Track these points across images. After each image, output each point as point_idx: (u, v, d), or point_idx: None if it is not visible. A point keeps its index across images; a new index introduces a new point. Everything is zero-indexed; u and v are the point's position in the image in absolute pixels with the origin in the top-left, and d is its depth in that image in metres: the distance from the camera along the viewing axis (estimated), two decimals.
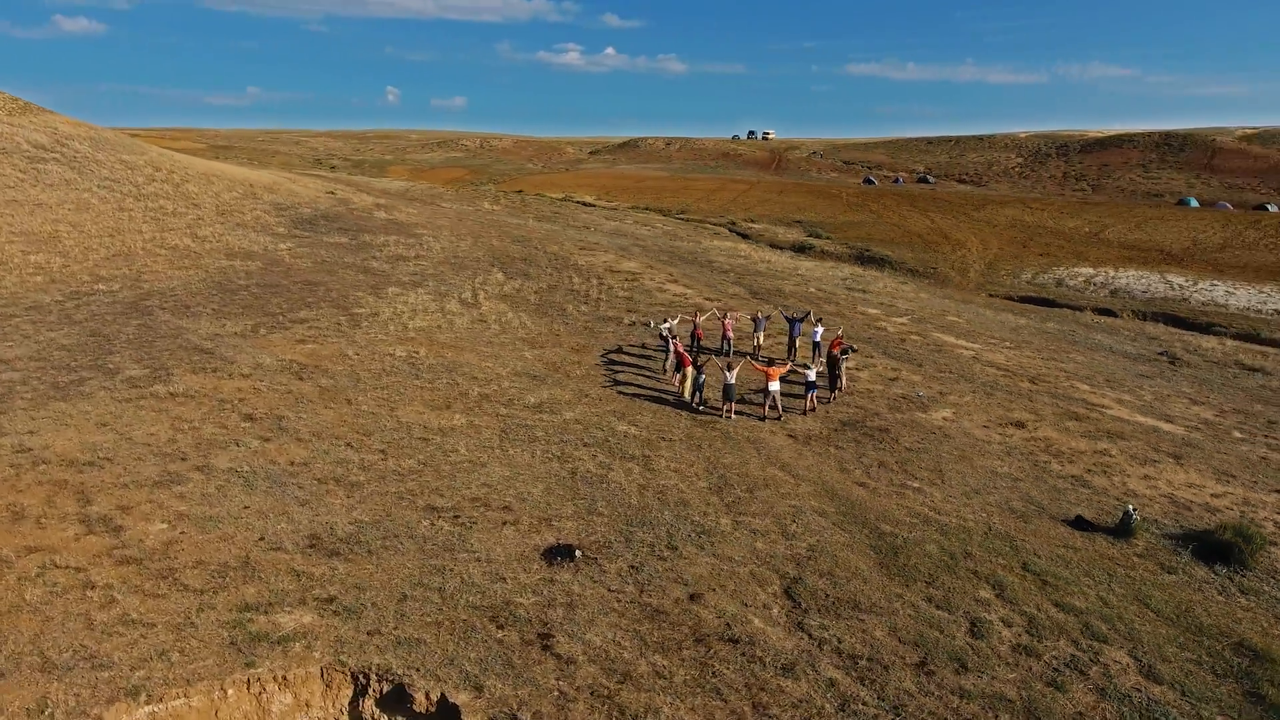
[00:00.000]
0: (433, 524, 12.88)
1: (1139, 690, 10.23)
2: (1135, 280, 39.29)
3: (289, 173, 74.77)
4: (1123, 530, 14.04)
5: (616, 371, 21.68)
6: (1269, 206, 74.36)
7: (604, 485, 14.78)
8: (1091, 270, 41.87)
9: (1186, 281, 38.62)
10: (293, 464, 14.51)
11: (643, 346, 24.20)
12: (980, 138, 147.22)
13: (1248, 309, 34.28)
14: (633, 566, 12.19)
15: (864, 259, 48.06)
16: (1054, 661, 10.68)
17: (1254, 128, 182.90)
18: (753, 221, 64.81)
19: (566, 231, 47.77)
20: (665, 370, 21.76)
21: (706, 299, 30.35)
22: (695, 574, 12.13)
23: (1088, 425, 19.13)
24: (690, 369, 19.74)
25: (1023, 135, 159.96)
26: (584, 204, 75.08)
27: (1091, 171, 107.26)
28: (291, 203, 44.71)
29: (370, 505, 13.29)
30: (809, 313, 23.95)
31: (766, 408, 18.66)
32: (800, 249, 51.61)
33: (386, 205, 50.48)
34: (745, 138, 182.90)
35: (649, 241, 46.17)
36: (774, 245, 53.45)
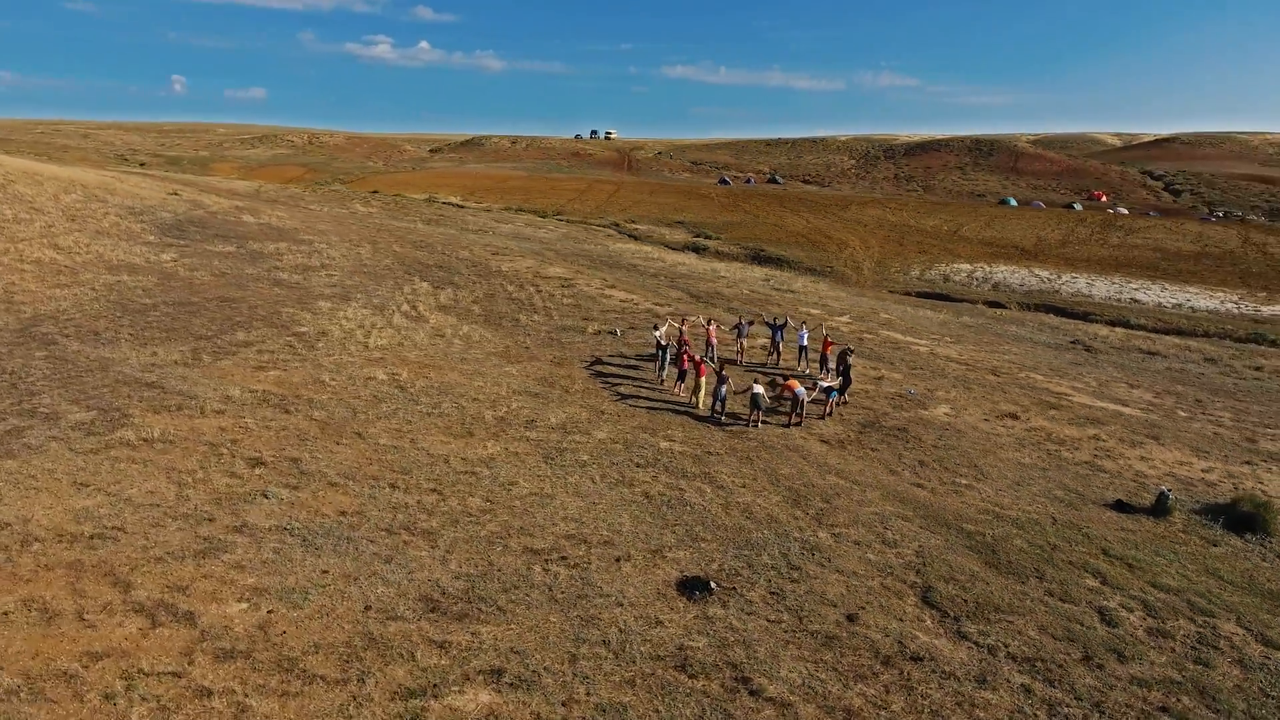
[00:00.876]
0: (545, 569, 11.64)
1: (1268, 658, 11.11)
2: (1010, 275, 43.41)
3: (110, 171, 65.75)
4: (1160, 510, 15.29)
5: (615, 384, 20.81)
6: (1075, 205, 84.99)
7: (687, 508, 14.08)
8: (969, 266, 45.75)
9: (1051, 275, 43.20)
10: (344, 514, 12.61)
11: (622, 356, 23.42)
12: (814, 140, 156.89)
13: (1109, 298, 38.90)
14: (773, 593, 11.65)
15: (760, 259, 49.57)
16: (1187, 640, 11.38)
17: (1035, 134, 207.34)
18: (634, 223, 65.00)
19: (464, 235, 45.50)
20: (662, 380, 21.17)
21: (656, 304, 29.95)
22: (835, 593, 11.80)
23: (1067, 413, 20.76)
24: (705, 379, 19.34)
25: (844, 138, 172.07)
26: (453, 205, 72.06)
27: (918, 173, 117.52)
28: (142, 206, 39.31)
29: (463, 555, 11.80)
30: (789, 319, 24.39)
31: (793, 415, 18.62)
32: (694, 250, 52.34)
33: (248, 208, 45.68)
34: (589, 137, 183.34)
35: (555, 245, 44.97)
36: (667, 246, 53.86)
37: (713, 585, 11.63)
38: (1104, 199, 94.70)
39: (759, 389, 18.35)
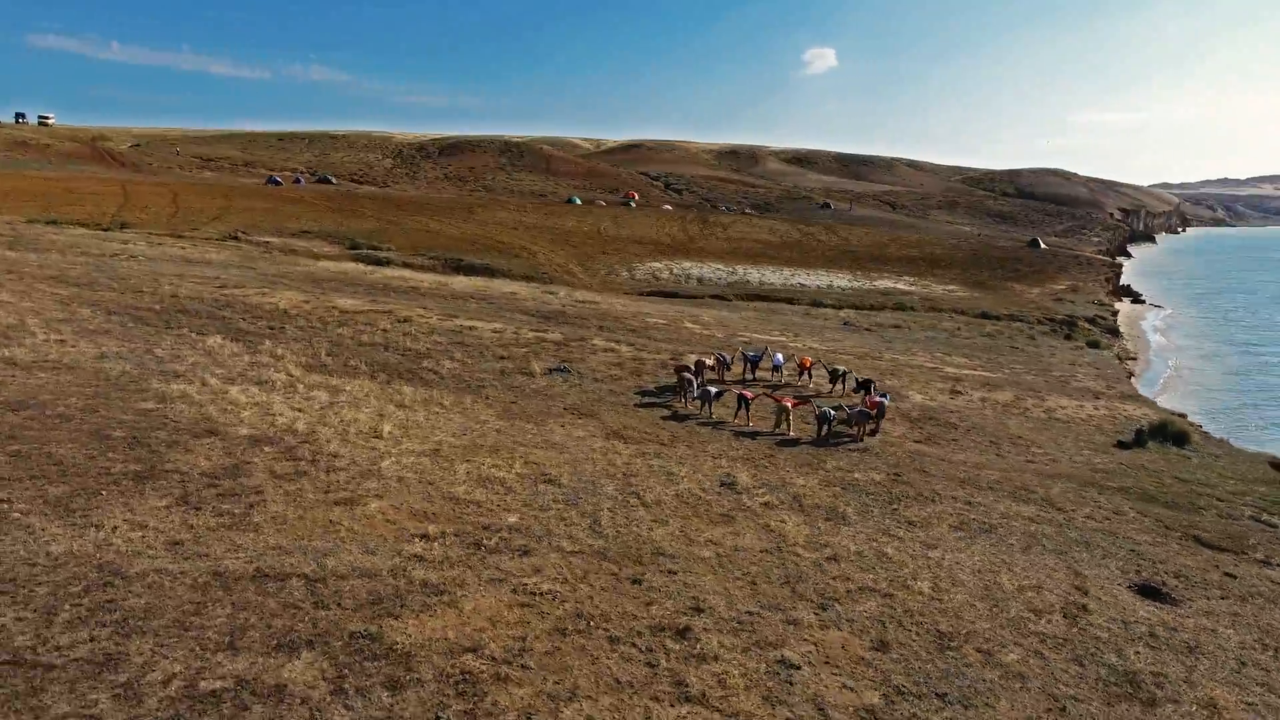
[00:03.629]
0: (1083, 629, 10.97)
1: None
2: (700, 270, 49.03)
3: None
4: (1140, 442, 20.76)
5: (691, 426, 18.72)
6: (630, 203, 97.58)
7: (1002, 529, 14.24)
8: (659, 264, 50.11)
9: (727, 268, 50.15)
10: (879, 649, 9.74)
11: (642, 393, 20.88)
12: (334, 136, 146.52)
13: (785, 285, 47.18)
14: (1177, 576, 12.99)
15: (462, 269, 46.30)
16: None
17: (518, 136, 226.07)
18: (249, 234, 53.80)
19: (113, 264, 32.39)
20: (710, 412, 19.73)
21: (538, 332, 26.56)
22: (1186, 562, 13.70)
23: (972, 383, 25.71)
24: (793, 409, 18.95)
25: (344, 133, 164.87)
26: None
27: (466, 173, 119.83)
28: None
29: (1053, 647, 10.35)
30: (766, 348, 24.91)
31: (878, 424, 19.48)
32: (375, 263, 46.15)
33: None
34: (16, 122, 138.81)
35: (262, 269, 35.06)
36: (337, 259, 46.32)
37: (1162, 589, 12.47)
38: (636, 197, 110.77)
39: (862, 407, 18.80)
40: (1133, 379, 31.32)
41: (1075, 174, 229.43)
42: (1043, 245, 73.25)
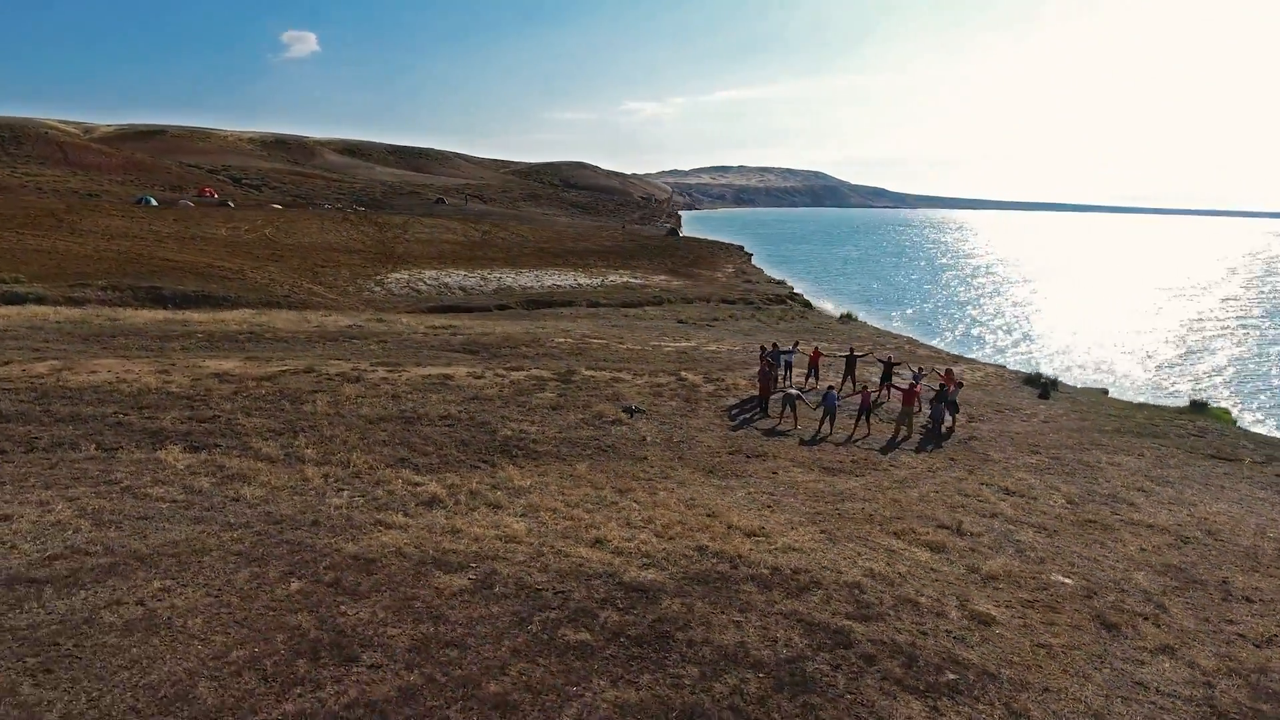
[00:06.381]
0: None
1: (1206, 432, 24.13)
2: (455, 279, 44.08)
3: None
4: (1046, 392, 26.59)
5: (843, 440, 18.23)
6: (229, 203, 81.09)
7: (1169, 478, 17.52)
8: (401, 275, 43.73)
9: (477, 275, 46.03)
10: None
11: (738, 419, 19.13)
12: None
13: (546, 288, 45.45)
14: None
15: (164, 299, 34.41)
16: (1218, 431, 23.32)
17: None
18: None
19: None
20: (830, 427, 19.48)
21: (517, 371, 21.97)
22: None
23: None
24: (918, 407, 19.93)
25: None
26: None
27: None
28: None
29: None
30: (794, 345, 24.03)
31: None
32: (19, 301, 31.77)
33: None
34: None
35: (62, 324, 21.13)
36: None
37: None
38: (215, 195, 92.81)
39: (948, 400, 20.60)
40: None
41: (598, 167, 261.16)
42: (681, 234, 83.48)
